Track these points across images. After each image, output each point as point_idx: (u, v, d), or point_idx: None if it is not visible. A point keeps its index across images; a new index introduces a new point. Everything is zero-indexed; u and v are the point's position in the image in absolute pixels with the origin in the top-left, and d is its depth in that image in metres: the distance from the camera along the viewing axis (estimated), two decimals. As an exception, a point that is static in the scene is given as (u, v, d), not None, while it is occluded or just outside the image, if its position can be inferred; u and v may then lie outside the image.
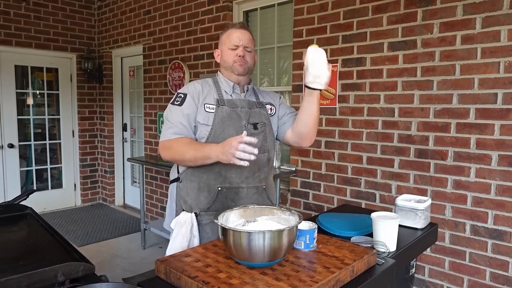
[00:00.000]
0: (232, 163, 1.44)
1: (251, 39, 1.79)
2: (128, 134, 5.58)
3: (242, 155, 1.40)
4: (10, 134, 4.97)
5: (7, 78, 4.91)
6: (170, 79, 4.37)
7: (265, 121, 1.79)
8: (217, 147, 1.51)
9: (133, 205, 5.55)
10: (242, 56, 1.72)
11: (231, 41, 1.74)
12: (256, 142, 1.42)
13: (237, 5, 3.78)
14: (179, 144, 1.65)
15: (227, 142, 1.47)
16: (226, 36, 1.77)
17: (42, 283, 1.13)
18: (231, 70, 1.75)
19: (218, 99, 1.73)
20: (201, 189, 1.70)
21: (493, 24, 2.25)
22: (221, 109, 1.71)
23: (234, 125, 1.70)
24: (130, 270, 3.50)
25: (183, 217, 1.69)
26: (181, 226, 1.67)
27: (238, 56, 1.72)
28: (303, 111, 1.69)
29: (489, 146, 2.31)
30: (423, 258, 2.62)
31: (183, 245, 1.62)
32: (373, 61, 2.76)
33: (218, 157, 1.50)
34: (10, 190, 4.98)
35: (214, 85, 1.79)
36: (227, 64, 1.76)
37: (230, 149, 1.42)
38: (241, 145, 1.40)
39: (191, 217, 1.68)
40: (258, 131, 1.75)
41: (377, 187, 2.81)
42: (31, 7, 4.97)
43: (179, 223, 1.69)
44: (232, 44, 1.74)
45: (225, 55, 1.76)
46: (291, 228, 1.17)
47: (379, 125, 2.76)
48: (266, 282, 1.08)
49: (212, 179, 1.69)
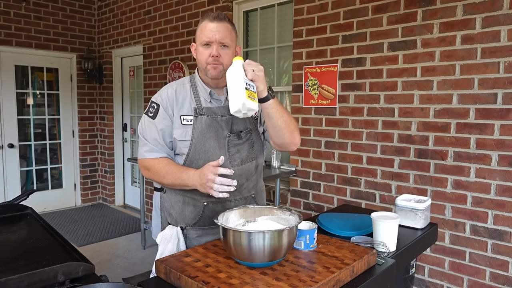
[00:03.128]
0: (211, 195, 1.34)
1: (230, 31, 1.49)
2: (128, 134, 5.58)
3: (220, 189, 1.31)
4: (10, 134, 4.97)
5: (7, 78, 4.91)
6: (170, 79, 4.37)
7: (250, 126, 1.60)
8: (195, 176, 1.39)
9: (133, 205, 5.55)
10: (216, 56, 1.46)
11: (204, 36, 1.46)
12: (232, 173, 1.33)
13: (237, 5, 3.78)
14: (157, 167, 1.52)
15: (203, 173, 1.35)
16: (200, 30, 1.49)
17: (42, 283, 1.13)
18: (205, 72, 1.51)
19: (196, 108, 1.53)
20: (186, 203, 1.58)
21: (493, 24, 2.25)
22: (199, 119, 1.52)
23: (216, 136, 1.53)
24: (130, 270, 3.49)
25: (169, 232, 1.57)
26: (167, 242, 1.56)
27: (211, 57, 1.46)
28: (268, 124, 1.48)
29: (489, 146, 2.31)
30: (423, 258, 2.62)
31: None
32: (373, 61, 2.76)
33: (196, 187, 1.40)
34: (10, 190, 4.98)
35: (191, 89, 1.58)
36: (200, 64, 1.53)
37: (208, 183, 1.32)
38: (218, 178, 1.30)
39: (177, 232, 1.57)
40: (242, 141, 1.57)
41: (377, 187, 2.81)
42: (31, 7, 4.97)
43: (165, 239, 1.57)
44: (204, 39, 1.46)
45: (198, 53, 1.51)
46: (291, 228, 1.17)
47: (379, 125, 2.76)
48: (266, 282, 1.08)
49: (198, 194, 1.53)
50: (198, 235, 1.58)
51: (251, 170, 1.62)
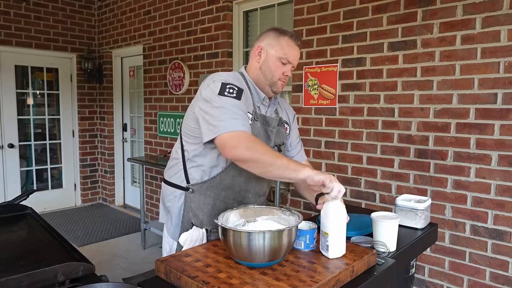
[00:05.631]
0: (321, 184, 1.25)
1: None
2: (128, 134, 5.58)
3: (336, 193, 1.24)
4: (10, 134, 4.97)
5: (7, 78, 4.91)
6: (170, 79, 4.37)
7: (284, 141, 1.65)
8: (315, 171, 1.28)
9: (133, 205, 5.55)
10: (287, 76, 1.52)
11: (287, 55, 1.49)
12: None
13: (237, 5, 3.78)
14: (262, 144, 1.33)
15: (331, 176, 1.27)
16: (282, 44, 1.50)
17: (42, 283, 1.13)
18: (270, 85, 1.51)
19: (254, 112, 1.48)
20: (217, 206, 1.53)
21: (493, 24, 2.25)
22: (254, 125, 1.47)
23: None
24: (130, 270, 3.50)
25: (195, 234, 1.51)
26: (193, 244, 1.50)
27: (284, 75, 1.50)
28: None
29: (489, 146, 2.31)
30: (423, 258, 2.62)
31: None
32: (373, 61, 2.76)
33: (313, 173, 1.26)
34: (10, 190, 4.98)
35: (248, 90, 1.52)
36: (269, 75, 1.51)
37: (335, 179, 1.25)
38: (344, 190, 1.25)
39: (203, 234, 1.52)
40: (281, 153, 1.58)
41: (377, 187, 2.81)
42: (31, 7, 4.97)
43: (191, 240, 1.50)
44: (286, 57, 1.49)
45: (272, 65, 1.50)
46: (291, 228, 1.17)
47: (379, 125, 2.76)
48: (266, 282, 1.08)
49: (231, 198, 1.54)
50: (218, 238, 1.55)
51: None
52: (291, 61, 1.50)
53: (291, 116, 1.74)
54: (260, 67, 1.53)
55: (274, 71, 1.50)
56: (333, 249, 1.25)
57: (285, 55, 1.49)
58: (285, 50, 1.49)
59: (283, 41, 1.49)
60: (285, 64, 1.50)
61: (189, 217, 1.56)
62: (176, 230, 1.60)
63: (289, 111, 1.74)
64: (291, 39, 1.50)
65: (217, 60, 3.87)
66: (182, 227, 1.58)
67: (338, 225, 1.26)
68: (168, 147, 4.51)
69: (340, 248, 1.26)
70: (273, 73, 1.50)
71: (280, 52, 1.49)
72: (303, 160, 1.77)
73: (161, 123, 4.58)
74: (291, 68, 1.52)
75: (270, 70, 1.50)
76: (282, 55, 1.49)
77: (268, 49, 1.51)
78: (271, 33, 1.53)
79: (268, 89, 1.53)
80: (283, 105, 1.73)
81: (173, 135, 4.43)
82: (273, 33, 1.52)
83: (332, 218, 1.26)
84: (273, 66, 1.50)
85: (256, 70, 1.54)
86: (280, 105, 1.70)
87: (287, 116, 1.71)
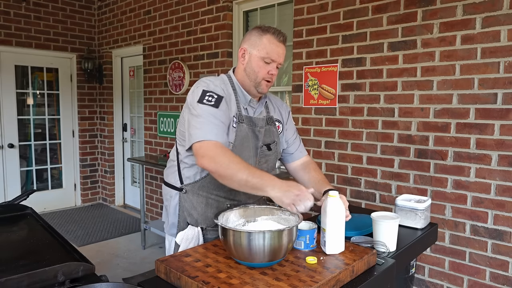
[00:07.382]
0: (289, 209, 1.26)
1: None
2: (128, 134, 5.58)
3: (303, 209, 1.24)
4: (10, 134, 4.97)
5: (7, 78, 4.91)
6: (170, 79, 4.37)
7: (276, 139, 1.64)
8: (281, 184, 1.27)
9: (133, 205, 5.55)
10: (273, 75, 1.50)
11: (269, 54, 1.47)
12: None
13: (237, 5, 3.78)
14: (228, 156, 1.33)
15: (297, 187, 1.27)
16: (264, 43, 1.48)
17: (42, 283, 1.13)
18: (255, 85, 1.51)
19: (239, 115, 1.50)
20: (210, 205, 1.57)
21: (493, 24, 2.25)
22: (240, 127, 1.49)
23: (251, 146, 1.53)
24: (130, 270, 3.50)
25: (191, 233, 1.56)
26: (189, 242, 1.55)
27: (269, 74, 1.49)
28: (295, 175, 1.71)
29: (489, 146, 2.31)
30: (423, 258, 2.62)
31: None
32: (373, 61, 2.76)
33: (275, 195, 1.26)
34: (10, 190, 4.98)
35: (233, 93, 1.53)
36: (253, 76, 1.50)
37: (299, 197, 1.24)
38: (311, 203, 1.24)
39: (198, 232, 1.56)
40: (271, 152, 1.61)
41: (377, 187, 2.81)
42: (31, 7, 4.97)
43: (186, 239, 1.55)
44: (268, 56, 1.47)
45: (255, 65, 1.49)
46: (291, 228, 1.17)
47: (379, 125, 2.76)
48: (266, 282, 1.08)
49: (222, 197, 1.56)
50: (216, 236, 1.56)
51: None
52: (274, 59, 1.48)
53: (284, 114, 1.73)
54: (244, 69, 1.52)
55: (258, 72, 1.49)
56: (330, 245, 1.27)
57: (267, 54, 1.47)
58: (267, 49, 1.47)
59: (265, 40, 1.47)
60: (269, 63, 1.49)
61: (184, 217, 1.61)
62: (173, 229, 1.65)
63: (282, 108, 1.73)
64: (273, 36, 1.47)
65: (217, 60, 3.87)
66: (178, 226, 1.63)
67: (335, 222, 1.28)
68: (168, 147, 4.51)
69: (337, 244, 1.27)
70: (256, 74, 1.50)
71: (262, 52, 1.47)
72: (303, 155, 1.78)
73: (161, 123, 4.58)
74: (277, 66, 1.51)
75: (253, 71, 1.50)
76: (265, 54, 1.47)
77: (250, 50, 1.50)
78: (253, 32, 1.51)
79: (253, 90, 1.53)
80: (275, 103, 1.72)
81: (173, 135, 4.43)
82: (256, 32, 1.50)
83: (329, 215, 1.28)
84: (256, 67, 1.49)
85: (242, 72, 1.54)
86: (272, 103, 1.70)
87: (280, 114, 1.71)
